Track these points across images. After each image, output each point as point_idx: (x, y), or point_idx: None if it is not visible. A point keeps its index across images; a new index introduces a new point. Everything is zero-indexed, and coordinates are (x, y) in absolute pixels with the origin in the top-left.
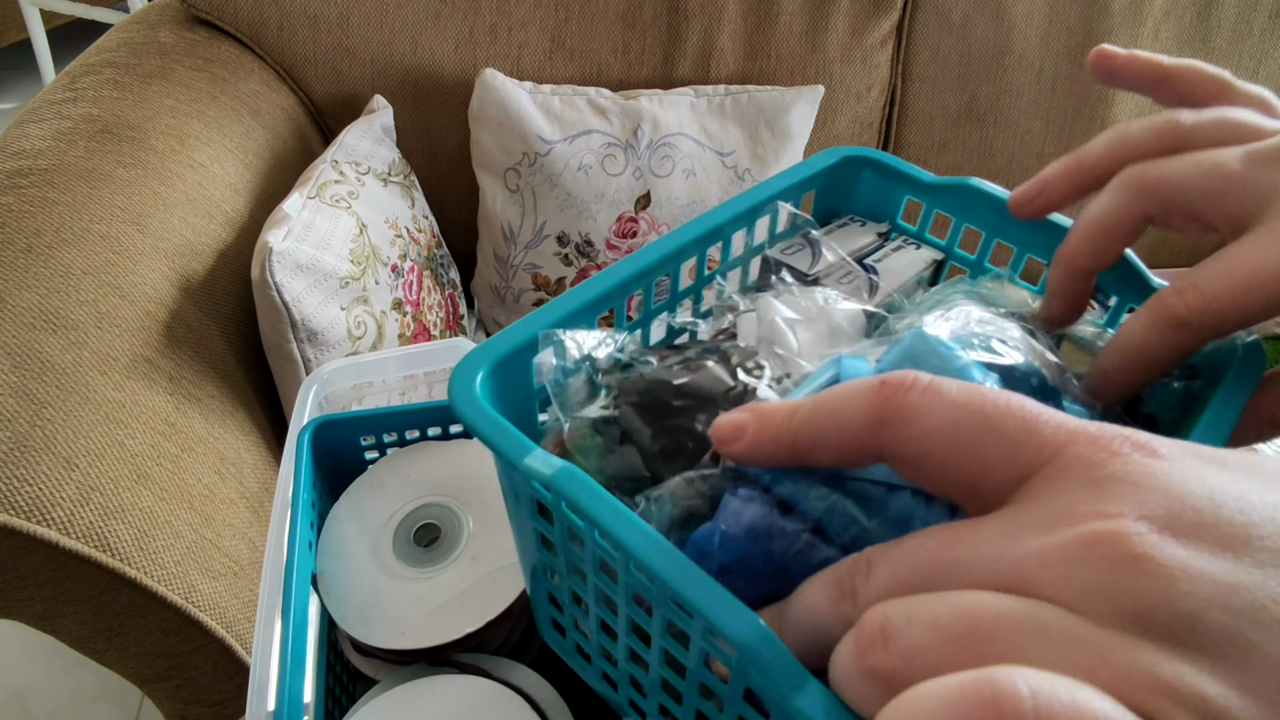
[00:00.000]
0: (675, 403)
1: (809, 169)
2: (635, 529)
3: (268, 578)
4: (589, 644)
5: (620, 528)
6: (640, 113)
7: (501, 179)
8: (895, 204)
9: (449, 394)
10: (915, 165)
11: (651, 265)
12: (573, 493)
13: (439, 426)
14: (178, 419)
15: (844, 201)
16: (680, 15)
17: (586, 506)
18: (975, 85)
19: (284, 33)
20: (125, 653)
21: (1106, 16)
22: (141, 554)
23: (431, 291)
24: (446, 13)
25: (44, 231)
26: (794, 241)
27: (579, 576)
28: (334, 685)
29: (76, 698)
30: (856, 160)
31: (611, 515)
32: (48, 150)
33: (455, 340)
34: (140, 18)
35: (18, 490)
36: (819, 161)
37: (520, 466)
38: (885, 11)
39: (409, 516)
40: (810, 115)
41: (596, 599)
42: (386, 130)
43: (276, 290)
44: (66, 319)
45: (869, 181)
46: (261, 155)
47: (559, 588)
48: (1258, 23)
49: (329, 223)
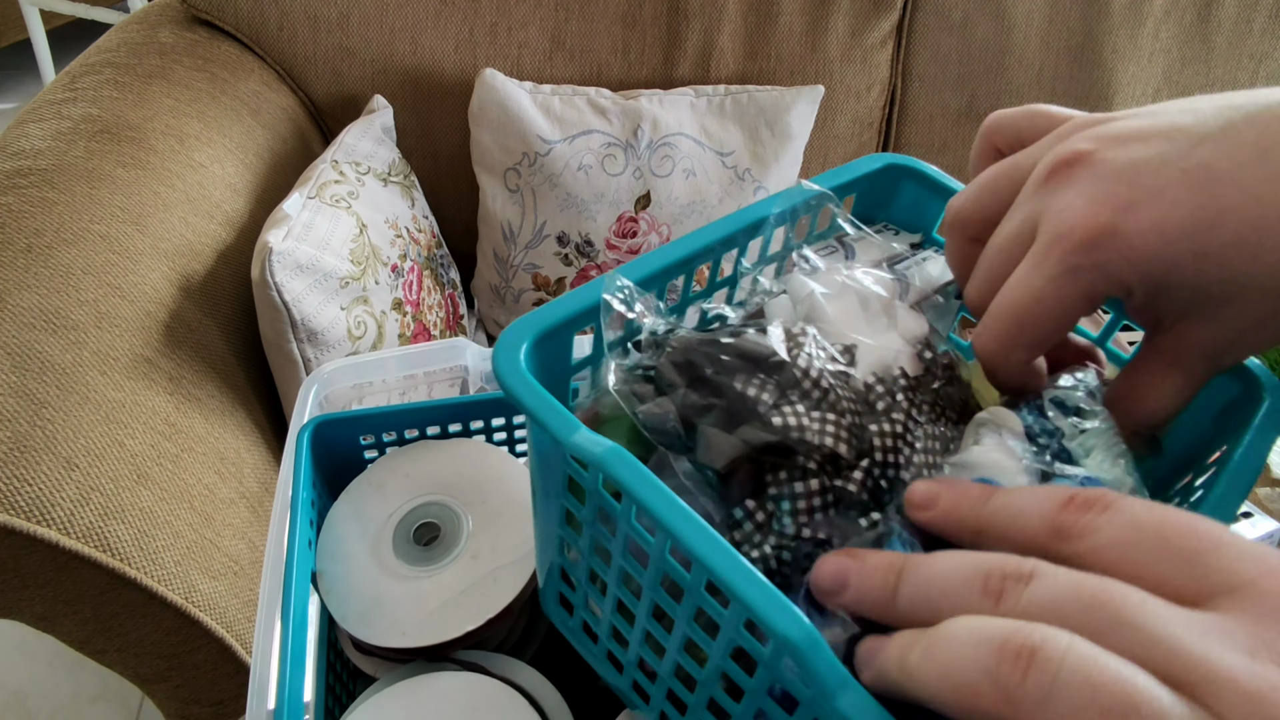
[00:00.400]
0: (721, 357)
1: (852, 172)
2: (681, 513)
3: (268, 577)
4: (599, 624)
5: (666, 511)
6: (640, 113)
7: (501, 179)
8: (933, 216)
9: (494, 366)
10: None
11: (696, 252)
12: (621, 474)
13: (438, 426)
14: (178, 419)
15: (880, 209)
16: (680, 15)
17: (634, 488)
18: (975, 85)
19: (284, 33)
20: (125, 653)
21: (1106, 16)
22: (141, 554)
23: (431, 291)
24: (446, 13)
25: (44, 231)
26: (828, 244)
27: (601, 557)
28: (334, 684)
29: (76, 698)
30: (898, 169)
31: (658, 498)
32: (48, 150)
33: (455, 340)
34: (140, 18)
35: (18, 490)
36: (862, 166)
37: (566, 444)
38: (885, 11)
39: (408, 515)
40: (810, 115)
41: (618, 581)
42: (386, 130)
43: (276, 290)
44: (66, 319)
45: (909, 191)
46: (261, 155)
47: (575, 565)
48: (1258, 23)
49: (329, 223)
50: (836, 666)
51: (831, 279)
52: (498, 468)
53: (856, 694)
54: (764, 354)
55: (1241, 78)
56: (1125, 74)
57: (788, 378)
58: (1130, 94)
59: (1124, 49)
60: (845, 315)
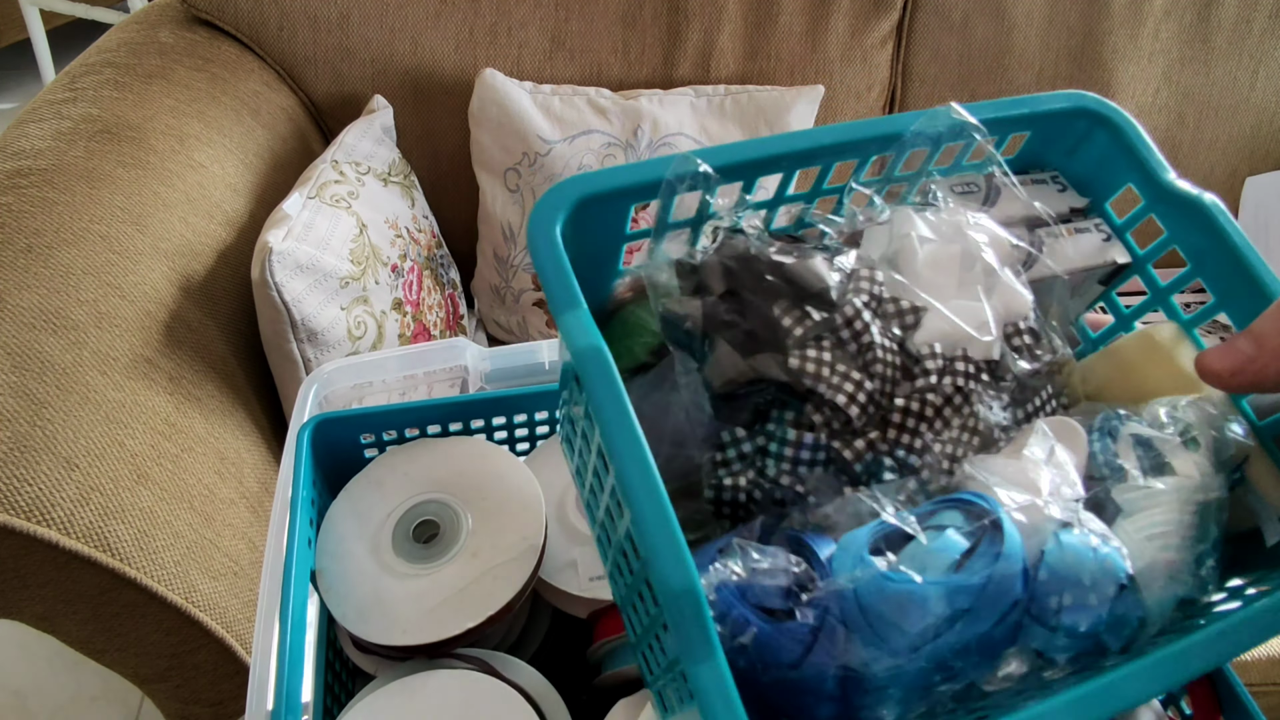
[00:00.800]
0: (767, 276)
1: (1033, 105)
2: (626, 430)
3: (267, 577)
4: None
5: (610, 418)
6: (640, 113)
7: (501, 179)
8: (1114, 184)
9: (528, 223)
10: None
11: (796, 152)
12: (589, 370)
13: (438, 424)
14: (178, 419)
15: (1059, 156)
16: (680, 15)
17: (593, 389)
18: (975, 85)
19: (284, 33)
20: (125, 653)
21: (1106, 16)
22: (141, 554)
23: (431, 291)
24: (446, 13)
25: (44, 231)
26: (971, 180)
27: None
28: (333, 682)
29: (76, 698)
30: (1094, 115)
31: (611, 405)
32: (48, 150)
33: (455, 340)
34: (140, 18)
35: (18, 490)
36: (1047, 102)
37: (558, 319)
38: (885, 11)
39: (408, 514)
40: (810, 115)
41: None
42: (386, 130)
43: (276, 290)
44: (66, 319)
45: (1098, 145)
46: (261, 155)
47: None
48: (1258, 23)
49: (329, 223)
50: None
51: (945, 223)
52: (497, 466)
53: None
54: (815, 287)
55: (1241, 78)
56: (1125, 74)
57: (831, 320)
58: (1130, 94)
59: (1124, 49)
60: (937, 268)
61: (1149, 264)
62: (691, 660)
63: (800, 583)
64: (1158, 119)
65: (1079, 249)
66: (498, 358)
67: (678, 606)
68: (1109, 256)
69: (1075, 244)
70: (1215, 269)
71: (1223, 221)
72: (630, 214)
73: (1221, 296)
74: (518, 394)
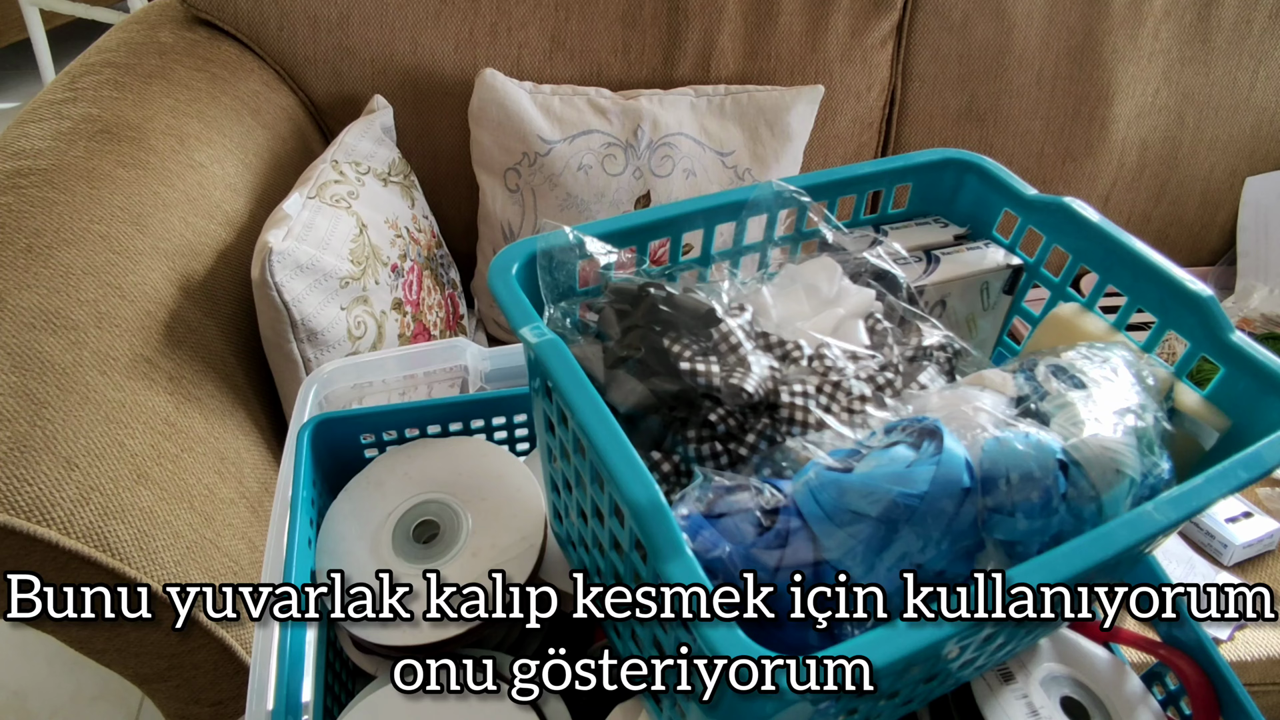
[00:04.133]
0: (659, 308)
1: (907, 161)
2: (590, 404)
3: (267, 577)
4: (560, 502)
5: (576, 397)
6: (640, 113)
7: (501, 179)
8: (993, 213)
9: (490, 268)
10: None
11: (653, 223)
12: (550, 362)
13: (438, 424)
14: (178, 419)
15: (941, 205)
16: (680, 15)
17: (557, 376)
18: (975, 85)
19: (284, 33)
20: (125, 653)
21: (1106, 16)
22: (141, 554)
23: (431, 291)
24: (446, 13)
25: (44, 231)
26: (863, 231)
27: (567, 457)
28: (333, 683)
29: (76, 698)
30: (960, 164)
31: (574, 387)
32: (48, 150)
33: (455, 340)
34: (140, 18)
35: (18, 490)
36: (920, 157)
37: (517, 331)
38: (885, 11)
39: (408, 514)
40: (810, 115)
41: (561, 452)
42: (386, 130)
43: (276, 290)
44: (66, 319)
45: (972, 187)
46: (261, 155)
47: (557, 471)
48: (1258, 23)
49: (329, 223)
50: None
51: (784, 275)
52: (497, 466)
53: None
54: (704, 308)
55: (1241, 78)
56: (1125, 74)
57: (713, 342)
58: (1130, 94)
59: (1124, 49)
60: (789, 302)
61: (1040, 266)
62: (661, 560)
63: (764, 505)
64: (1158, 119)
65: (977, 257)
66: (498, 358)
67: (642, 516)
68: (1001, 260)
69: (972, 255)
70: (1092, 253)
71: (1084, 213)
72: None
73: (1104, 274)
74: (518, 394)
